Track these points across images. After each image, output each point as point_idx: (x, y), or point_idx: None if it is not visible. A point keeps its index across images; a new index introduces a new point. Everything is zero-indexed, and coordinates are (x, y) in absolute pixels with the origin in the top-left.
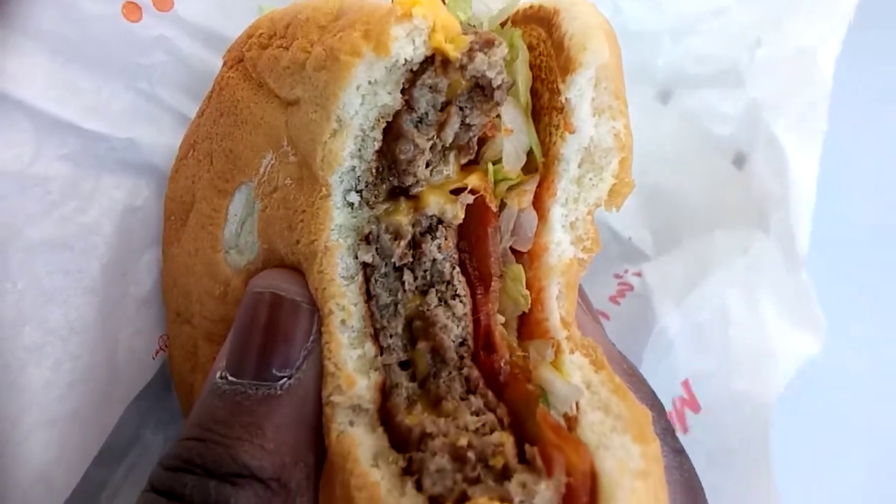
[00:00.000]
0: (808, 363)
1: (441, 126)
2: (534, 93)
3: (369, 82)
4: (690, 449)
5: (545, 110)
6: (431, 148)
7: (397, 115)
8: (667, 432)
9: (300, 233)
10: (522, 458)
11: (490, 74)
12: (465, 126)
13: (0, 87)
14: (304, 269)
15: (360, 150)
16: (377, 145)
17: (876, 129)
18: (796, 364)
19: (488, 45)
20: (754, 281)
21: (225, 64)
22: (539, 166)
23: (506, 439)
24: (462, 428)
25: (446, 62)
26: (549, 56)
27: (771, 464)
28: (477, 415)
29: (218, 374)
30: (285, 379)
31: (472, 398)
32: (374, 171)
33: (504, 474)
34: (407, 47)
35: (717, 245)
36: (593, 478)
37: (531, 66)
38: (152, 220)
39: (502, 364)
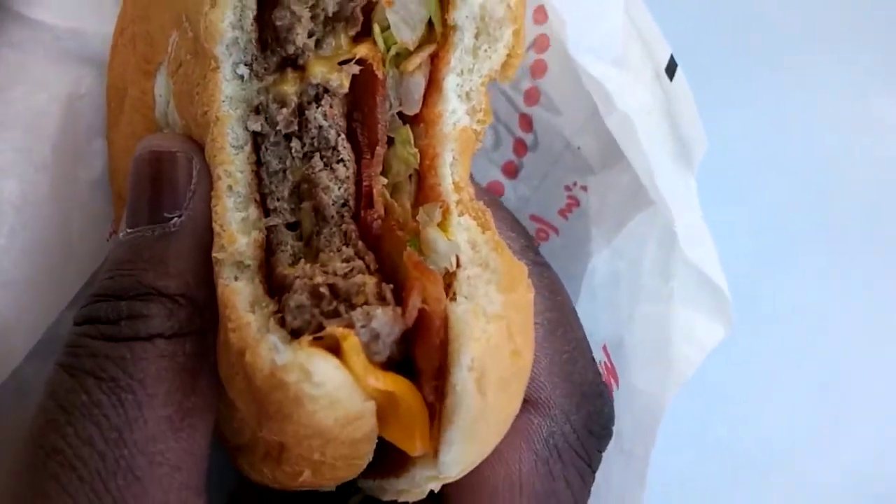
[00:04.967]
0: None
1: None
2: None
3: None
4: None
5: None
6: (313, 18)
7: None
8: (528, 249)
9: (198, 105)
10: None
11: None
12: None
13: None
14: (205, 140)
15: (239, 20)
16: (253, 14)
17: None
18: (695, 364)
19: None
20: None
21: None
22: (438, 36)
23: (368, 280)
24: (331, 273)
25: None
26: None
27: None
28: (347, 261)
29: (120, 235)
30: (176, 218)
31: (344, 249)
32: (258, 42)
33: None
34: None
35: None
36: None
37: None
38: (98, 108)
39: (374, 217)
